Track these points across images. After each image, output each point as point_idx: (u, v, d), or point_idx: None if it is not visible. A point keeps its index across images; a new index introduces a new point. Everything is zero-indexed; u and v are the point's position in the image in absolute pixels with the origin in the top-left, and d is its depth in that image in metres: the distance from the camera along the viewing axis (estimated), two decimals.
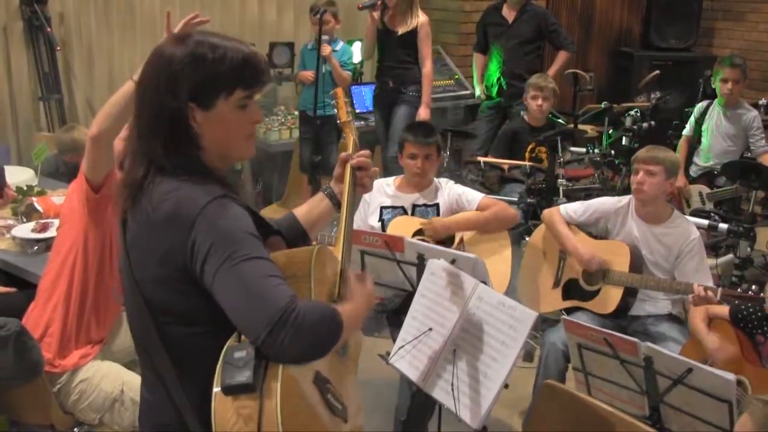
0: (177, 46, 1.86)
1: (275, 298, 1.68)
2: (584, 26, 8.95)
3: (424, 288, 2.70)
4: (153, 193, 1.83)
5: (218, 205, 1.77)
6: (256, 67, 1.90)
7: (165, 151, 1.85)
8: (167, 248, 1.78)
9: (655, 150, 3.81)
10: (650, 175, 3.74)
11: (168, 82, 1.84)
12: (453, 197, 4.03)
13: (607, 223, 3.94)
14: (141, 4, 6.37)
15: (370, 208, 4.07)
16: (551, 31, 6.76)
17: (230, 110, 1.87)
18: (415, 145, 4.00)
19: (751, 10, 8.52)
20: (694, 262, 3.75)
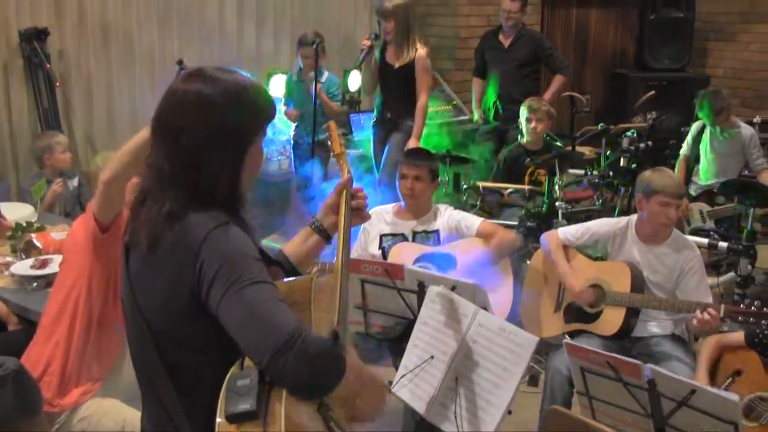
0: (212, 87, 1.85)
1: (283, 322, 1.68)
2: (579, 49, 8.98)
3: (425, 315, 2.67)
4: (157, 222, 1.83)
5: (223, 231, 1.78)
6: (272, 105, 1.95)
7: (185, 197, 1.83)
8: (173, 276, 1.78)
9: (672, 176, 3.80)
10: (677, 209, 3.74)
11: (215, 137, 1.84)
12: (452, 223, 4.01)
13: (607, 244, 3.91)
14: (140, 40, 6.40)
15: (370, 237, 4.06)
16: (547, 55, 6.79)
17: (258, 148, 1.92)
18: (407, 165, 4.02)
19: (742, 30, 8.56)
20: (695, 280, 3.72)
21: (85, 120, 6.26)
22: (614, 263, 3.85)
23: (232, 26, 6.83)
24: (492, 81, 6.83)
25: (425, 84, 5.63)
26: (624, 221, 3.93)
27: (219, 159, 1.83)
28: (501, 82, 6.74)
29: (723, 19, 8.75)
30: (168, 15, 6.49)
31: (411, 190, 3.99)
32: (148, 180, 1.89)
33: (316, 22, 6.75)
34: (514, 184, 5.39)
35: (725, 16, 8.73)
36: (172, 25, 6.52)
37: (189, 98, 1.84)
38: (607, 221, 4.03)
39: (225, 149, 1.84)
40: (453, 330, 2.54)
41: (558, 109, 6.70)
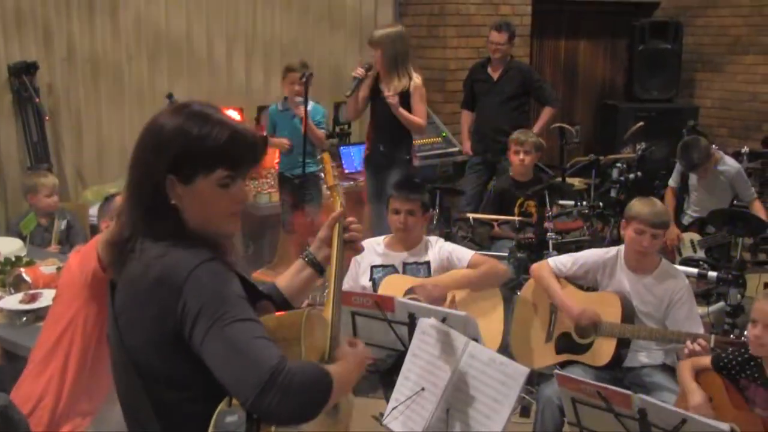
0: (170, 117, 1.88)
1: (264, 359, 1.68)
2: (569, 80, 9.09)
3: (416, 347, 2.69)
4: (141, 259, 1.84)
5: (207, 268, 1.79)
6: (243, 147, 1.90)
7: (146, 218, 1.87)
8: (157, 313, 1.79)
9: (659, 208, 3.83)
10: (656, 239, 3.78)
11: (153, 152, 1.87)
12: (443, 255, 4.04)
13: (596, 274, 3.95)
14: (129, 74, 6.45)
15: (361, 268, 4.08)
16: (536, 87, 6.85)
17: (210, 188, 1.87)
18: (399, 200, 4.04)
19: (729, 61, 8.69)
20: (684, 310, 3.76)
21: (74, 154, 6.29)
22: (605, 294, 3.88)
23: (221, 59, 6.89)
24: (481, 113, 6.89)
25: (421, 111, 5.62)
26: (613, 251, 3.97)
27: (169, 183, 1.86)
28: (490, 114, 6.79)
29: (710, 50, 8.88)
30: (157, 48, 6.55)
31: (404, 224, 4.02)
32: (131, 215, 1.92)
33: (306, 54, 6.81)
34: (504, 216, 5.43)
35: (712, 48, 8.86)
36: (162, 58, 6.58)
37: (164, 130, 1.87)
38: (597, 251, 4.07)
39: (175, 172, 1.86)
40: (444, 361, 2.56)
41: (548, 140, 6.76)
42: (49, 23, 6.07)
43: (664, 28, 8.69)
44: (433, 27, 7.74)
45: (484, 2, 7.75)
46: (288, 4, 7.21)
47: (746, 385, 3.09)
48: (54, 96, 6.14)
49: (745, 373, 3.10)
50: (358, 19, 7.64)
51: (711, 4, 8.82)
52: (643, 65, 8.66)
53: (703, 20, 8.89)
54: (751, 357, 3.07)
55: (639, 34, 8.67)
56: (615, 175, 5.78)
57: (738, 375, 3.12)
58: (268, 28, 7.12)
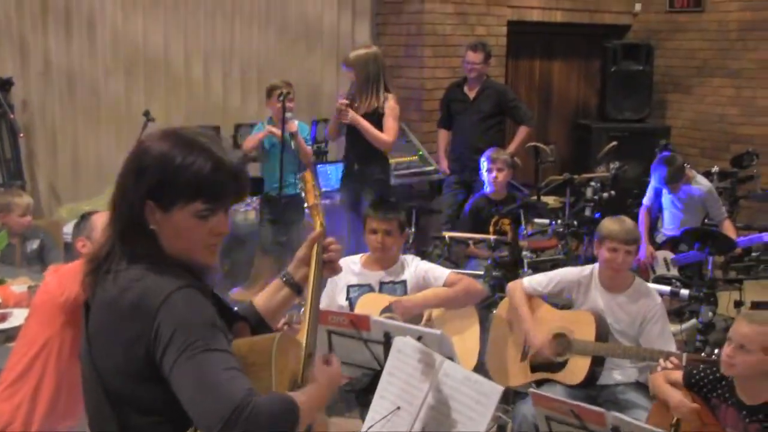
0: (158, 141, 1.87)
1: (230, 392, 1.66)
2: (543, 100, 9.15)
3: (391, 366, 2.67)
4: (117, 281, 1.82)
5: (182, 294, 1.77)
6: (225, 180, 1.87)
7: (124, 239, 1.86)
8: (130, 337, 1.77)
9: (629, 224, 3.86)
10: (631, 254, 3.80)
11: (134, 176, 1.86)
12: (419, 274, 4.04)
13: (571, 293, 3.96)
14: (106, 90, 6.40)
15: (337, 288, 4.06)
16: (511, 107, 6.88)
17: (187, 218, 1.85)
18: (376, 220, 4.03)
19: (698, 83, 8.79)
20: (657, 328, 3.78)
21: (49, 171, 6.22)
22: (579, 312, 3.89)
23: (198, 77, 6.87)
24: (457, 132, 6.91)
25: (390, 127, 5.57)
26: (588, 269, 3.98)
27: (148, 209, 1.85)
28: (467, 133, 6.81)
29: (680, 72, 8.97)
30: (134, 65, 6.52)
31: (382, 244, 4.02)
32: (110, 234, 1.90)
33: (284, 72, 6.80)
34: (480, 234, 5.43)
35: (682, 70, 8.95)
36: (139, 75, 6.55)
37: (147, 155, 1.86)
38: (572, 270, 4.08)
39: (154, 198, 1.84)
40: (419, 380, 2.55)
41: (523, 159, 6.79)
42: (25, 38, 6.02)
43: (635, 50, 8.77)
44: (410, 46, 7.77)
45: (460, 23, 7.79)
46: (266, 23, 7.21)
47: (717, 405, 3.10)
48: (29, 112, 6.09)
49: (716, 392, 3.11)
50: (336, 38, 7.66)
51: (680, 28, 8.93)
52: (615, 86, 8.73)
53: (672, 43, 9.00)
54: (723, 376, 3.07)
55: (611, 56, 8.74)
56: (589, 194, 5.81)
57: (709, 394, 3.13)
58: (246, 47, 7.12)
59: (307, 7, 7.45)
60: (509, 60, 8.44)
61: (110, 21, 6.38)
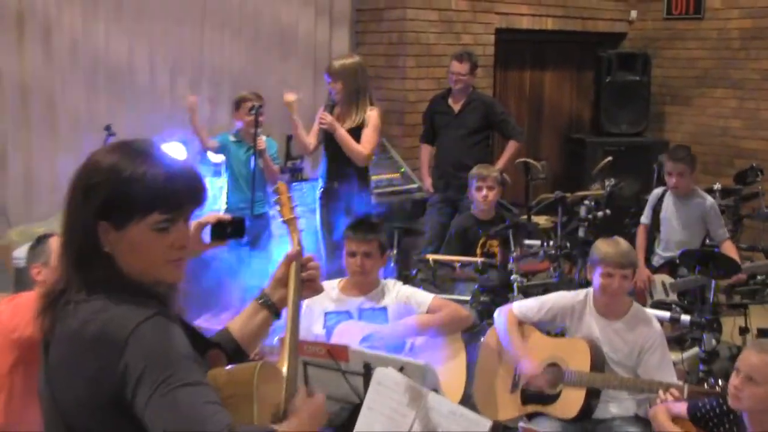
0: (106, 155, 1.86)
1: (210, 429, 1.66)
2: (534, 113, 9.20)
3: (371, 400, 2.67)
4: (78, 313, 1.80)
5: (151, 325, 1.76)
6: (182, 187, 1.87)
7: (78, 267, 1.84)
8: (95, 373, 1.75)
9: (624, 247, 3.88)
10: (627, 279, 3.82)
11: (82, 194, 1.84)
12: (401, 299, 4.04)
13: (565, 319, 3.97)
14: (63, 102, 6.35)
15: (314, 315, 4.06)
16: (499, 120, 6.92)
17: (145, 233, 1.83)
18: (355, 241, 4.03)
19: (698, 95, 8.88)
20: (656, 357, 3.80)
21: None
22: (573, 340, 3.91)
23: (164, 89, 6.86)
24: (442, 147, 6.93)
25: (367, 138, 5.57)
26: (582, 294, 4.00)
27: (101, 229, 1.83)
28: (451, 148, 6.84)
29: (679, 83, 9.07)
30: (95, 74, 6.48)
31: (361, 267, 4.02)
32: (63, 263, 1.88)
33: (256, 84, 6.81)
34: (466, 257, 5.44)
35: (681, 81, 9.05)
36: (100, 86, 6.52)
37: (95, 170, 1.85)
38: (565, 295, 4.10)
39: (106, 217, 1.83)
40: (401, 415, 2.55)
41: (512, 176, 6.82)
42: None
43: (631, 60, 8.85)
44: (392, 56, 7.80)
45: (444, 31, 7.84)
46: (237, 31, 7.22)
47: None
48: None
49: (723, 426, 3.12)
50: (312, 48, 7.68)
51: (678, 36, 9.03)
52: (610, 98, 8.79)
53: (671, 52, 9.09)
54: (730, 410, 3.08)
55: (606, 66, 8.82)
56: (583, 213, 5.84)
57: (716, 428, 3.14)
58: (216, 56, 7.12)
59: (282, 13, 7.47)
60: (497, 70, 8.49)
61: (68, 28, 6.35)
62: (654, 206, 6.14)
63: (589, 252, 3.98)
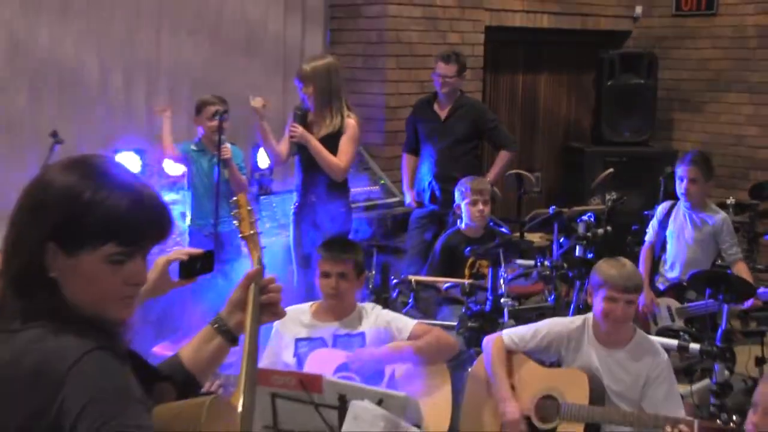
0: (62, 172, 1.84)
1: None
2: (528, 120, 9.25)
3: None
4: (11, 344, 1.79)
5: (92, 360, 1.75)
6: (144, 219, 1.86)
7: (18, 291, 1.83)
8: (30, 409, 1.75)
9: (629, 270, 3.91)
10: (631, 305, 3.84)
11: (32, 213, 1.83)
12: (381, 325, 4.07)
13: (560, 348, 3.99)
14: (4, 105, 6.31)
15: (284, 341, 4.07)
16: (490, 128, 6.97)
17: (97, 264, 1.82)
18: (329, 261, 4.06)
19: (710, 99, 8.91)
20: (663, 389, 3.82)
21: None
22: (570, 371, 3.93)
23: (117, 93, 6.83)
24: (426, 158, 6.97)
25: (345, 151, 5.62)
26: (580, 320, 4.03)
27: (50, 252, 1.82)
28: (437, 159, 6.88)
29: (689, 86, 9.10)
30: (40, 75, 6.46)
31: (335, 289, 4.04)
32: (1, 286, 1.87)
33: (220, 87, 6.80)
34: (453, 278, 5.46)
35: (691, 84, 9.08)
36: (44, 89, 6.49)
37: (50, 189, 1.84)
38: (561, 321, 4.13)
39: (57, 240, 1.82)
40: None
41: (503, 189, 6.85)
42: None
43: (636, 61, 8.91)
44: (370, 57, 7.82)
45: (429, 29, 7.87)
46: (198, 30, 7.21)
47: None
48: None
49: None
50: (281, 48, 7.68)
51: (688, 35, 9.07)
52: (612, 103, 8.85)
53: (680, 52, 9.13)
54: None
55: (608, 68, 8.87)
56: (581, 230, 5.86)
57: None
58: (174, 58, 7.11)
59: (248, 11, 7.48)
60: (487, 73, 8.54)
61: (7, 27, 6.32)
62: (660, 222, 6.18)
63: (590, 273, 4.00)
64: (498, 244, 5.29)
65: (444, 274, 5.59)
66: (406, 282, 5.44)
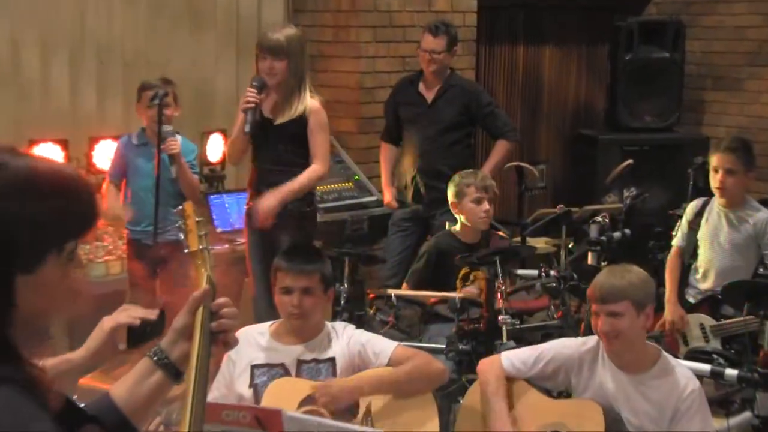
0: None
1: None
2: (529, 104, 9.27)
3: None
4: None
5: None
6: (80, 209, 1.88)
7: None
8: None
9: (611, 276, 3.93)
10: (616, 317, 3.84)
11: None
12: (354, 348, 4.06)
13: (570, 374, 4.00)
14: None
15: (237, 369, 4.06)
16: (486, 113, 6.97)
17: (59, 268, 1.84)
18: (290, 274, 4.04)
19: (749, 76, 8.93)
20: (694, 424, 3.83)
21: None
22: (581, 402, 3.94)
23: (33, 73, 6.79)
24: (409, 148, 6.96)
25: (322, 148, 5.66)
26: (592, 341, 4.03)
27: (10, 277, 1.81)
28: (422, 150, 6.88)
29: (723, 61, 9.12)
30: None
31: (298, 308, 4.03)
32: None
33: (160, 66, 6.79)
34: (442, 292, 5.46)
35: (726, 58, 9.10)
36: None
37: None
38: (570, 342, 4.13)
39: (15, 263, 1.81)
40: None
41: (502, 185, 6.86)
42: None
43: (659, 31, 8.92)
44: (341, 29, 7.82)
45: None
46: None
47: None
48: None
49: None
50: (234, 19, 7.66)
51: None
52: (631, 81, 8.87)
53: (712, 19, 9.15)
54: None
55: (625, 39, 8.87)
56: (594, 234, 5.88)
57: None
58: (104, 32, 7.06)
59: None
60: (481, 46, 8.57)
61: None
62: (690, 222, 6.18)
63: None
64: (495, 251, 5.29)
65: (431, 287, 5.59)
66: (385, 297, 5.43)
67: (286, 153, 5.67)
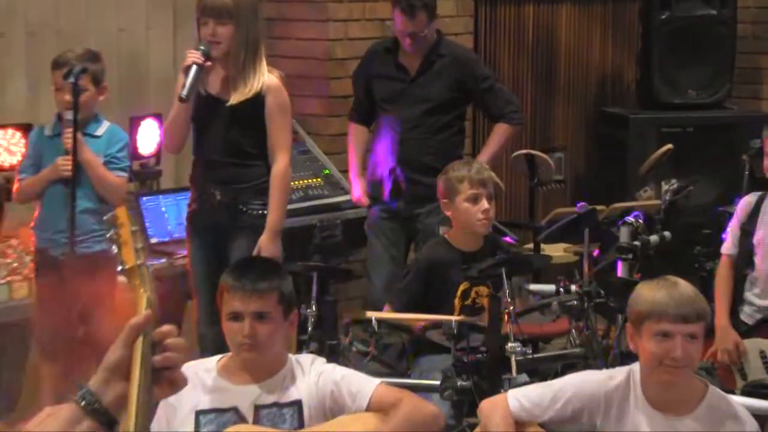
0: None
1: None
2: (542, 77, 9.26)
3: None
4: None
5: None
6: None
7: None
8: None
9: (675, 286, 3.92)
10: (692, 341, 3.83)
11: None
12: (326, 388, 4.05)
13: (595, 417, 4.00)
14: None
15: (179, 415, 4.05)
16: (483, 89, 6.98)
17: None
18: (238, 294, 4.03)
19: None
20: None
21: None
22: None
23: None
24: (386, 133, 6.96)
25: (284, 135, 5.71)
26: (623, 375, 4.02)
27: None
28: (403, 135, 6.88)
29: None
30: None
31: (251, 338, 4.01)
32: None
33: (78, 36, 6.80)
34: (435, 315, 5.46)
35: None
36: None
37: None
38: (595, 376, 4.14)
39: None
40: None
41: (508, 179, 6.87)
42: None
43: None
44: None
45: None
46: None
47: None
48: None
49: None
50: None
51: None
52: (668, 46, 8.89)
53: None
54: None
55: None
56: (625, 239, 5.90)
57: None
58: None
59: None
60: (481, 5, 8.58)
61: None
62: (743, 225, 6.19)
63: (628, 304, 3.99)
64: (501, 261, 5.30)
65: (423, 307, 5.59)
66: (364, 321, 5.43)
67: (238, 141, 5.71)
